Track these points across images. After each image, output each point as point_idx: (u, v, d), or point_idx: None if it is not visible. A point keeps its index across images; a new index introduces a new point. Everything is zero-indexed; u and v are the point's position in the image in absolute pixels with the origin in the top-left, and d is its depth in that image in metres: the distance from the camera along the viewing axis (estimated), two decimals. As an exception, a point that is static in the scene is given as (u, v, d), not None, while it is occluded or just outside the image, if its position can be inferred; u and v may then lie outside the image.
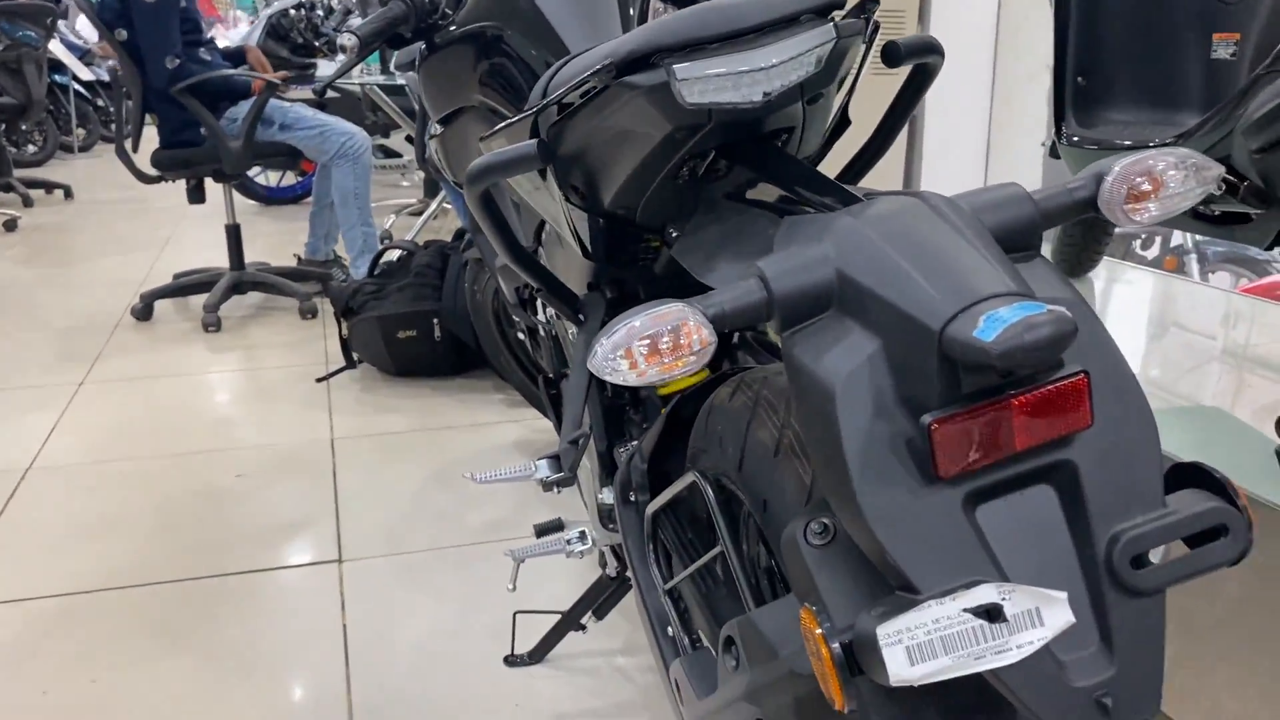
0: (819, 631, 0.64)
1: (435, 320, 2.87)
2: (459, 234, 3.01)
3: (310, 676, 1.68)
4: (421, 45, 1.60)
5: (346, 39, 1.46)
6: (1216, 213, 1.62)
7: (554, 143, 1.03)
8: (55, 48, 6.66)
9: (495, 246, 1.17)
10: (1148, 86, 1.91)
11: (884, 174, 3.04)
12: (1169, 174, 0.69)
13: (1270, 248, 1.48)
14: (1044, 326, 0.55)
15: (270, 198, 5.69)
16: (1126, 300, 2.29)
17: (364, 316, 2.89)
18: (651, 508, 1.13)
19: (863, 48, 1.04)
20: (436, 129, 1.71)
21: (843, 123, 1.15)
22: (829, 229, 0.70)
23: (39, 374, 3.10)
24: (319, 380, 3.02)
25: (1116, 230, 2.22)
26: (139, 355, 3.29)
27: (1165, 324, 2.20)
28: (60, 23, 6.79)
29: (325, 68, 5.49)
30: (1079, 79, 1.93)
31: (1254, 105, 1.35)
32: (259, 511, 2.23)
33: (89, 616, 1.85)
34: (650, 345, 0.63)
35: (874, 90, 1.31)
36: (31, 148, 7.30)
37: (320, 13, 5.56)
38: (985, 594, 0.59)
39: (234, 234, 3.73)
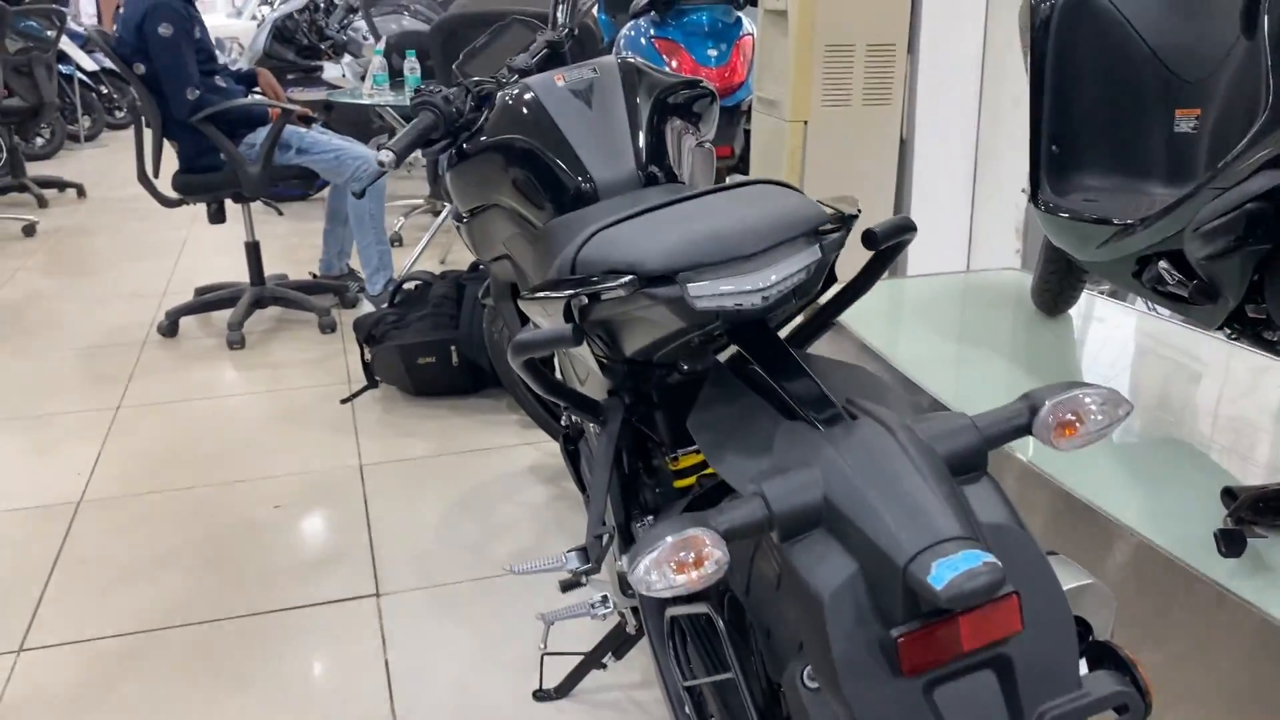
0: None
1: (453, 347, 3.04)
2: (474, 265, 3.17)
3: (361, 714, 1.87)
4: (451, 151, 1.75)
5: (385, 155, 1.62)
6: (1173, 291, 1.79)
7: (582, 314, 1.19)
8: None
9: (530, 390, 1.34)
10: (1116, 156, 2.07)
11: (876, 205, 3.19)
12: (1090, 413, 0.87)
13: (1218, 329, 1.65)
14: (982, 577, 0.73)
15: (276, 196, 5.83)
16: (1105, 337, 2.46)
17: (386, 345, 3.06)
18: (669, 613, 1.32)
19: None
20: (464, 217, 1.87)
21: (827, 282, 1.30)
22: (817, 454, 0.88)
23: (75, 399, 3.28)
24: (343, 401, 3.20)
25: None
26: (169, 375, 3.46)
27: (1143, 360, 2.36)
28: (64, 10, 6.89)
29: (330, 69, 5.61)
30: (1053, 147, 2.09)
31: (1202, 214, 1.51)
32: (298, 543, 2.42)
33: (149, 657, 2.04)
34: (677, 563, 0.81)
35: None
36: (40, 140, 7.41)
37: (323, 12, 5.67)
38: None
39: (254, 251, 3.88)
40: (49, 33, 5.98)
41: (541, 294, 1.19)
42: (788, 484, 0.86)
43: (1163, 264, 1.70)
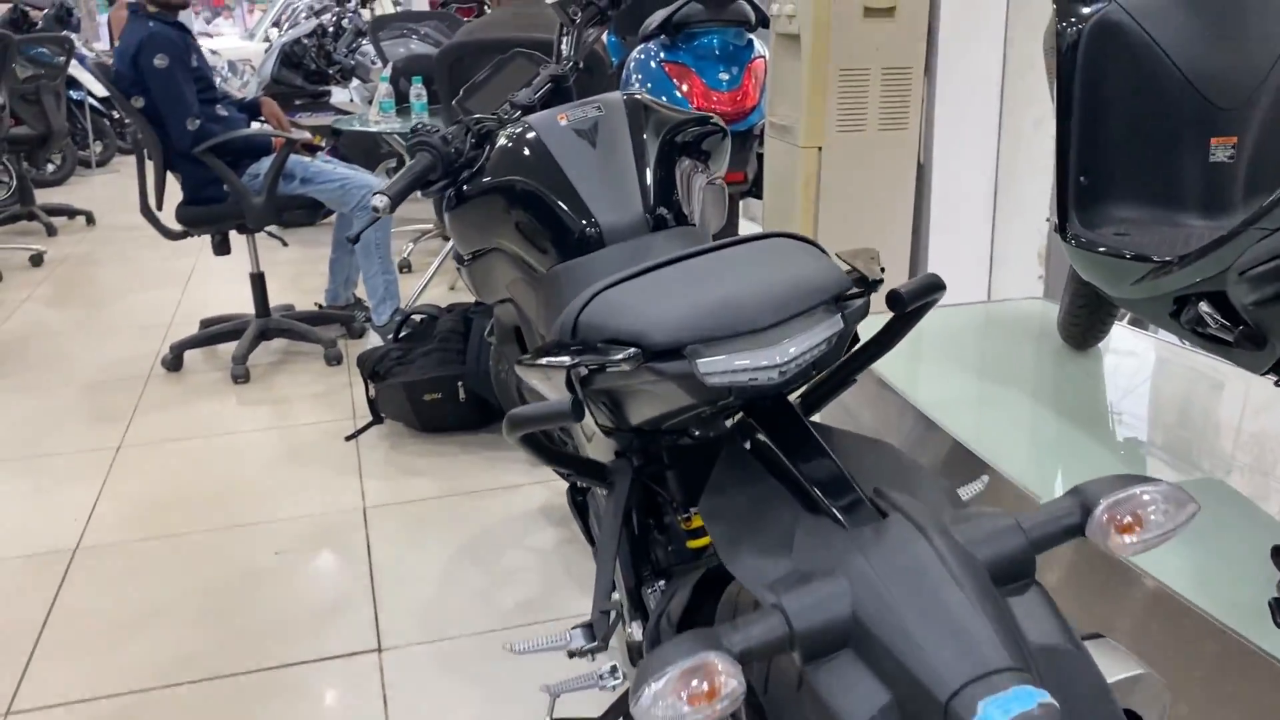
0: None
1: (460, 383, 2.96)
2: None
3: (359, 782, 1.78)
4: (450, 193, 1.67)
5: (378, 201, 1.53)
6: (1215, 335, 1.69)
7: (584, 382, 1.10)
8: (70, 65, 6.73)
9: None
10: (1148, 187, 1.97)
11: (893, 232, 3.10)
12: (1150, 515, 0.77)
13: (1265, 374, 1.55)
14: None
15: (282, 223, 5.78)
16: (1138, 373, 2.36)
17: (391, 382, 2.98)
18: None
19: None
20: (465, 259, 1.78)
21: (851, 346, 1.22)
22: (842, 562, 0.78)
23: (76, 437, 3.21)
24: (348, 439, 3.12)
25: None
26: (172, 412, 3.39)
27: (1182, 401, 2.26)
28: (73, 36, 6.87)
29: (339, 94, 5.56)
30: (1081, 178, 1.99)
31: (1246, 258, 1.41)
32: (298, 594, 2.34)
33: (144, 719, 1.95)
34: (687, 693, 0.72)
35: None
36: (51, 167, 7.39)
37: (331, 37, 5.62)
38: None
39: (259, 282, 3.81)
40: (58, 59, 5.95)
41: (542, 361, 1.11)
42: (811, 596, 0.76)
43: (1204, 306, 1.60)
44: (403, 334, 3.11)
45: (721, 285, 1.02)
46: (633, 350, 0.99)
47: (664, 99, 3.77)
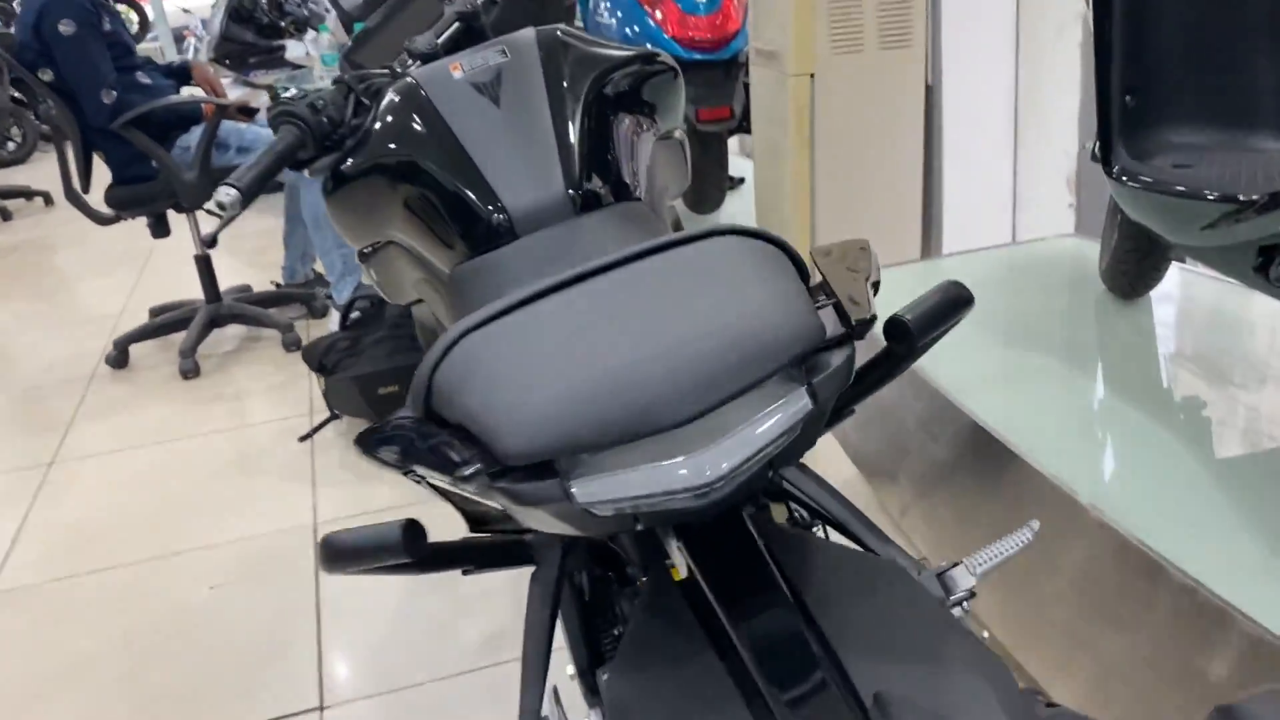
0: None
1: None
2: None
3: None
4: (326, 174, 1.31)
5: (225, 195, 1.18)
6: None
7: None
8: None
9: None
10: (1212, 103, 1.58)
11: (902, 166, 2.68)
12: None
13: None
14: None
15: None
16: (1203, 326, 1.98)
17: (341, 375, 2.64)
18: None
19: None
20: (363, 253, 1.43)
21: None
22: None
23: (4, 455, 2.90)
24: (302, 439, 2.80)
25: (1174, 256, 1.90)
26: (112, 419, 3.07)
27: (1259, 357, 1.89)
28: (14, 4, 6.46)
29: (294, 48, 5.15)
30: (1126, 98, 1.61)
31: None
32: (233, 639, 2.02)
33: (43, 815, 1.66)
34: None
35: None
36: (11, 145, 7.03)
37: (284, -14, 5.20)
38: None
39: (204, 265, 3.46)
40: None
41: (378, 454, 0.77)
42: None
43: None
44: (350, 322, 2.76)
45: (622, 341, 0.66)
46: (473, 469, 0.64)
47: (635, 29, 3.38)
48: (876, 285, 0.75)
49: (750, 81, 3.00)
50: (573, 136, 1.19)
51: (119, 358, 3.43)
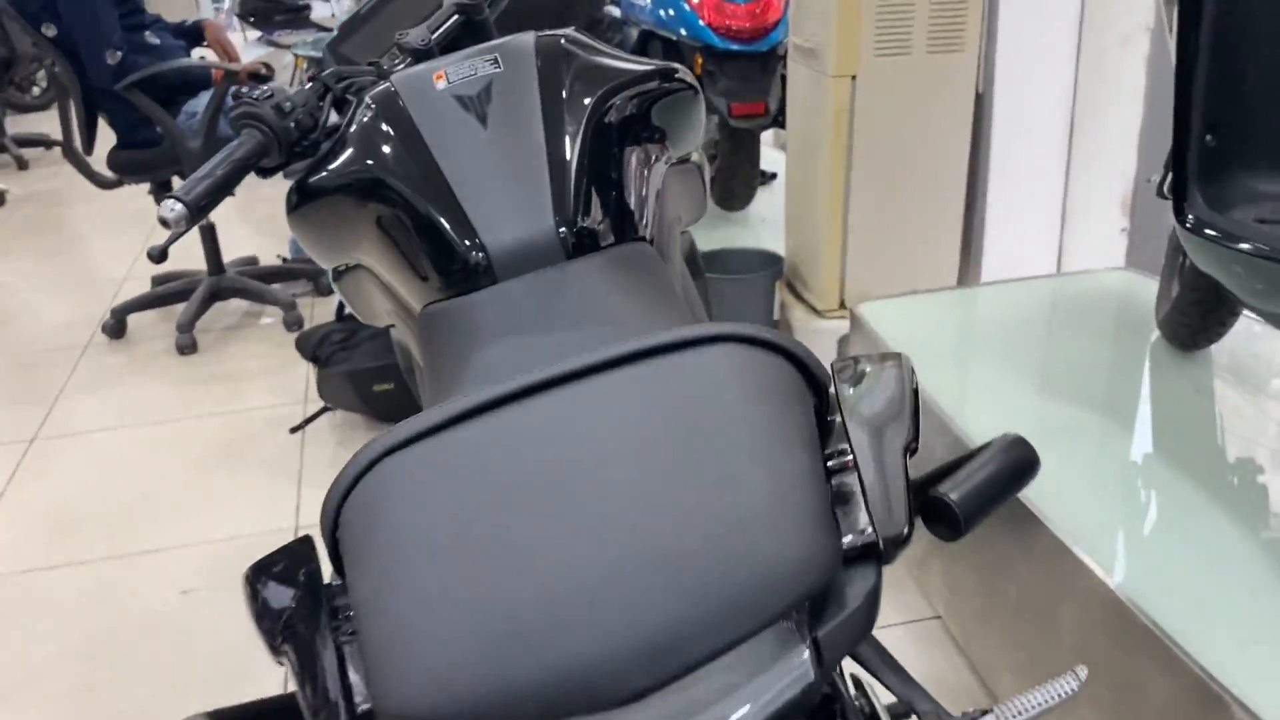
0: None
1: (415, 371, 2.47)
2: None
3: None
4: (292, 187, 1.16)
5: (169, 211, 1.03)
6: None
7: None
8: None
9: None
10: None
11: (946, 180, 2.49)
12: None
13: None
14: None
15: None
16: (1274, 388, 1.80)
17: (334, 369, 2.50)
18: None
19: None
20: (333, 273, 1.28)
21: None
22: None
23: (-11, 426, 2.79)
24: (293, 430, 2.66)
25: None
26: (101, 393, 2.95)
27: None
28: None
29: (320, 9, 4.99)
30: (1208, 136, 1.42)
31: None
32: (199, 652, 1.90)
33: None
34: None
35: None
36: (36, 90, 6.91)
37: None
38: None
39: (209, 235, 3.33)
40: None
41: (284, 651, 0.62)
42: None
43: None
44: (347, 311, 2.61)
45: (557, 538, 0.50)
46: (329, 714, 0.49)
47: (670, 11, 3.19)
48: (916, 413, 0.58)
49: (787, 77, 2.81)
50: (569, 165, 1.03)
51: (116, 327, 3.31)
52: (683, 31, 3.02)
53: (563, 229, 0.99)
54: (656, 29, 3.17)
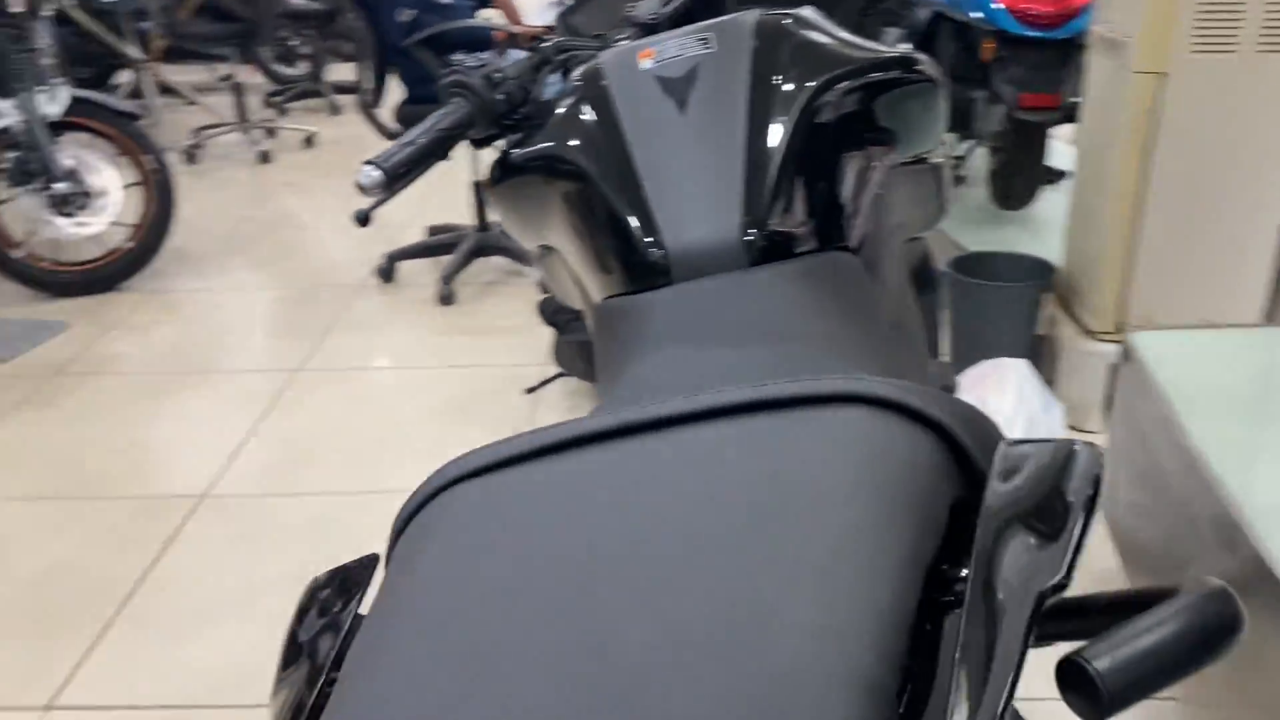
0: None
1: (647, 348, 2.43)
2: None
3: None
4: (495, 160, 1.12)
5: (366, 177, 1.02)
6: None
7: None
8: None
9: None
10: None
11: (1257, 219, 2.14)
12: None
13: None
14: None
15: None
16: None
17: (570, 337, 2.51)
18: None
19: None
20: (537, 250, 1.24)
21: None
22: None
23: (261, 354, 3.01)
24: (528, 391, 2.71)
25: None
26: (365, 334, 3.12)
27: None
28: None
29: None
30: None
31: None
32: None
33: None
34: None
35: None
36: (303, 65, 6.86)
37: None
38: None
39: (479, 192, 3.44)
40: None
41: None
42: None
43: None
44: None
45: (627, 629, 0.41)
46: None
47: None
48: (1083, 533, 0.44)
49: (1087, 67, 2.53)
50: (770, 159, 0.92)
51: (388, 271, 3.50)
52: (976, 14, 2.79)
53: (751, 232, 0.89)
54: (949, 11, 2.95)
